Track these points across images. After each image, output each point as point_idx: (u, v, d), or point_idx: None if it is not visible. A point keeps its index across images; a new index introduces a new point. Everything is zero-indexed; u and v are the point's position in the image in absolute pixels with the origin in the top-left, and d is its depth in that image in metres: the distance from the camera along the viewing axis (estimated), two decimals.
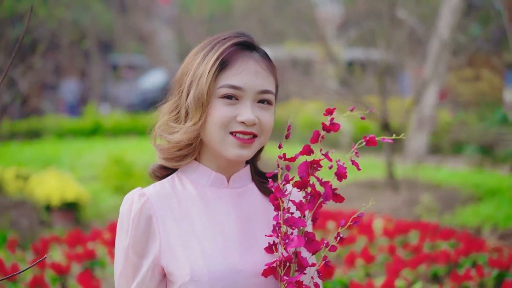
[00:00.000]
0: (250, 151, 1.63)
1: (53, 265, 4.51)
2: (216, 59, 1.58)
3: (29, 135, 15.13)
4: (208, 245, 1.58)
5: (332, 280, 3.88)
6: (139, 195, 1.62)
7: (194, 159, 1.65)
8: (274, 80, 1.67)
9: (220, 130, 1.59)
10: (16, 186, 8.63)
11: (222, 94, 1.58)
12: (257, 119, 1.61)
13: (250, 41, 1.65)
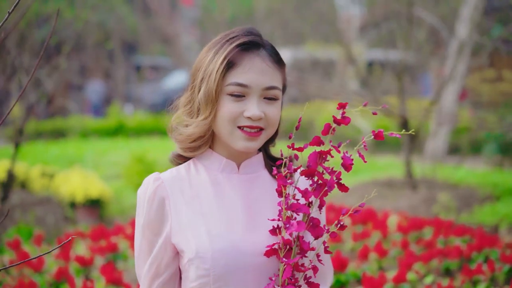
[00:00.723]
0: (257, 143, 1.75)
1: (77, 258, 4.68)
2: (224, 59, 1.70)
3: (54, 134, 15.41)
4: (213, 225, 1.71)
5: (345, 272, 4.00)
6: (154, 179, 1.77)
7: (209, 147, 1.79)
8: (280, 75, 1.78)
9: (228, 124, 1.72)
10: (41, 184, 8.85)
11: (230, 91, 1.71)
12: (263, 113, 1.73)
13: (256, 40, 1.76)
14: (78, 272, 4.59)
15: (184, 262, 1.72)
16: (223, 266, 1.67)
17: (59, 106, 15.85)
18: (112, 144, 14.20)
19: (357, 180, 9.46)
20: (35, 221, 7.58)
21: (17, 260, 4.88)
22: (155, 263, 1.75)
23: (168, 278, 1.77)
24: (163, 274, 1.76)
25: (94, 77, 21.57)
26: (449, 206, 7.29)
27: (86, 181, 8.23)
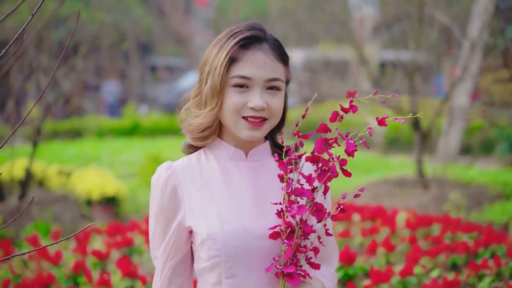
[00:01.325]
0: (261, 132, 1.86)
1: (94, 252, 4.82)
2: (227, 53, 1.82)
3: (70, 134, 15.63)
4: (223, 210, 1.84)
5: (353, 266, 4.11)
6: (166, 167, 1.90)
7: (218, 136, 1.91)
8: (283, 68, 1.88)
9: (233, 115, 1.83)
10: (58, 182, 9.02)
11: (234, 83, 1.82)
12: (266, 104, 1.83)
13: (258, 34, 1.86)
14: (95, 265, 4.74)
15: (196, 244, 1.85)
16: (233, 248, 1.79)
17: (75, 106, 16.05)
18: (127, 143, 14.38)
19: (368, 178, 9.56)
20: (52, 218, 7.75)
21: (36, 255, 5.04)
22: (168, 246, 1.88)
23: (180, 259, 1.90)
24: (176, 256, 1.89)
25: (109, 78, 21.77)
26: (459, 205, 7.35)
27: (102, 180, 8.39)
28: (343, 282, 4.10)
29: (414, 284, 3.91)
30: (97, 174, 8.71)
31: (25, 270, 4.87)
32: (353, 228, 5.11)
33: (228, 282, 1.81)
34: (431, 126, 8.22)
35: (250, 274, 1.81)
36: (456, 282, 3.79)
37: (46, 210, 7.93)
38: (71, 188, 8.68)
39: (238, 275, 1.81)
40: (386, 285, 3.83)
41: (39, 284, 4.28)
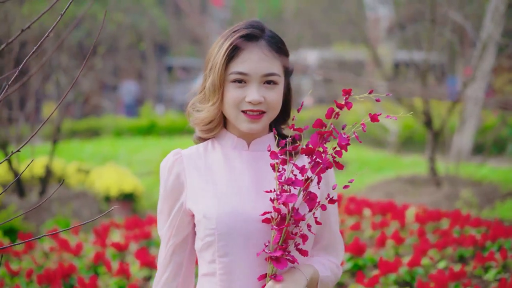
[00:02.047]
0: (259, 125, 1.97)
1: (113, 244, 5.00)
2: (225, 51, 1.94)
3: (88, 133, 15.89)
4: (221, 192, 1.97)
5: (362, 257, 4.25)
6: (174, 153, 2.06)
7: (224, 127, 2.05)
8: (280, 63, 1.98)
9: (233, 109, 1.95)
10: (77, 179, 9.23)
11: (233, 79, 1.94)
12: (263, 98, 1.94)
13: (254, 32, 1.97)
14: (114, 256, 4.92)
15: (196, 224, 2.02)
16: (226, 227, 1.92)
17: (94, 106, 16.30)
18: (144, 142, 14.59)
19: (382, 177, 9.68)
20: (71, 213, 7.95)
21: (57, 247, 5.23)
22: (171, 226, 2.05)
23: (181, 240, 2.06)
24: (177, 236, 2.05)
25: (127, 78, 22.01)
26: (471, 202, 7.44)
27: (120, 177, 8.57)
28: (352, 272, 4.24)
29: (421, 275, 4.04)
30: (115, 172, 8.90)
31: (46, 261, 5.06)
32: (364, 221, 5.24)
33: (220, 260, 1.94)
34: (443, 125, 8.31)
35: (242, 254, 1.92)
36: (462, 273, 3.92)
37: (66, 206, 8.14)
38: (90, 185, 8.89)
39: (230, 254, 1.93)
40: (394, 275, 3.97)
41: (61, 274, 4.46)
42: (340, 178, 9.48)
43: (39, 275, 4.43)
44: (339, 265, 2.11)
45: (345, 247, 4.35)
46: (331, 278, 2.04)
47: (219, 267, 1.95)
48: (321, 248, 2.08)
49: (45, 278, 4.40)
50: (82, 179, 9.23)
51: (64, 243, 5.12)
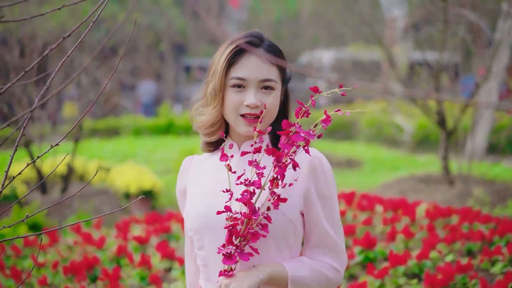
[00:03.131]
0: (257, 127, 2.04)
1: (135, 238, 5.22)
2: (225, 58, 2.08)
3: (108, 132, 16.19)
4: (201, 192, 2.15)
5: (373, 250, 4.43)
6: (185, 160, 2.26)
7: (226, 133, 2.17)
8: (277, 70, 2.11)
9: (233, 112, 2.08)
10: (98, 177, 9.48)
11: (232, 84, 2.08)
12: (260, 102, 2.06)
13: (253, 41, 2.11)
14: (136, 249, 5.13)
15: None
16: (198, 223, 2.10)
17: (114, 105, 16.58)
18: (162, 141, 14.84)
19: (396, 175, 9.84)
20: (92, 210, 8.19)
21: (81, 240, 5.46)
22: (185, 223, 2.24)
23: (191, 236, 2.21)
24: (188, 232, 2.21)
25: (145, 78, 22.28)
26: (483, 200, 7.56)
27: (139, 174, 8.80)
28: (363, 264, 4.42)
29: (429, 267, 4.21)
30: (134, 169, 9.12)
31: (71, 254, 5.29)
32: (376, 217, 5.42)
33: (199, 253, 2.12)
34: (456, 124, 8.43)
35: (213, 249, 2.06)
36: (469, 266, 4.08)
37: (87, 203, 8.38)
38: (110, 183, 9.12)
39: (205, 248, 2.09)
40: (403, 267, 4.15)
41: (85, 265, 4.68)
42: (355, 177, 9.65)
43: (65, 267, 4.66)
44: (337, 268, 2.11)
45: (357, 241, 4.54)
46: (312, 279, 2.06)
47: (199, 259, 2.14)
48: (311, 248, 2.11)
49: (70, 269, 4.62)
50: (103, 176, 9.47)
51: (88, 236, 5.34)
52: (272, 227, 1.98)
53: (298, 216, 2.06)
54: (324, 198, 2.08)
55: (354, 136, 15.66)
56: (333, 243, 2.10)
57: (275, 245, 2.04)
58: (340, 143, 14.67)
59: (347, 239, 4.78)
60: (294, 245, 2.09)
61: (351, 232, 4.79)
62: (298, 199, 2.05)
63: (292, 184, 2.00)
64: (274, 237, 2.02)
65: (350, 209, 5.62)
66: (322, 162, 2.09)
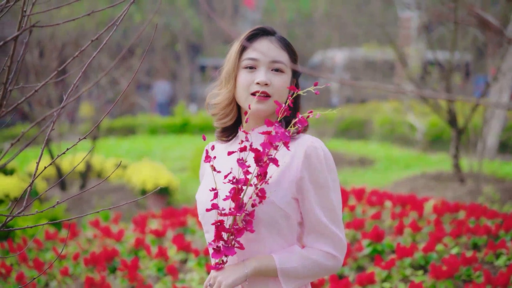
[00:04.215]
0: (265, 106, 2.20)
1: (152, 231, 5.42)
2: (240, 43, 2.26)
3: (124, 131, 16.46)
4: (207, 179, 2.28)
5: (381, 243, 4.60)
6: (206, 146, 2.31)
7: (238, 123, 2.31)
8: (288, 56, 2.25)
9: (244, 91, 2.22)
10: (116, 174, 9.70)
11: (244, 65, 2.24)
12: (270, 81, 2.20)
13: (266, 29, 2.28)
14: (153, 242, 5.33)
15: None
16: (201, 210, 2.23)
17: (131, 104, 16.84)
18: (177, 140, 15.06)
19: (408, 173, 9.98)
20: (110, 206, 8.41)
21: (100, 234, 5.67)
22: None
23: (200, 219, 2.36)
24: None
25: (160, 78, 22.52)
26: (493, 198, 7.68)
27: (155, 172, 9.00)
28: (371, 256, 4.59)
29: (435, 259, 4.37)
30: (151, 167, 9.33)
31: (91, 246, 5.50)
32: (384, 212, 5.58)
33: (206, 236, 2.26)
34: (467, 122, 8.54)
35: None
36: (474, 258, 4.24)
37: (105, 199, 8.61)
38: (127, 180, 9.34)
39: (209, 232, 2.22)
40: (410, 259, 4.31)
41: (105, 257, 4.89)
42: (367, 175, 9.77)
43: (85, 258, 4.87)
44: (332, 253, 2.16)
45: (365, 234, 4.70)
46: (303, 268, 2.12)
47: (207, 242, 2.25)
48: (307, 234, 2.17)
49: (90, 260, 4.83)
50: (120, 173, 9.69)
51: (106, 230, 5.55)
52: (262, 215, 2.09)
53: (289, 203, 2.12)
54: (318, 186, 2.13)
55: (367, 135, 15.80)
56: (327, 230, 2.14)
57: (267, 233, 2.12)
58: (353, 142, 14.82)
59: (356, 232, 4.95)
60: (287, 232, 2.15)
61: (360, 226, 4.95)
62: (290, 187, 2.12)
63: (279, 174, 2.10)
64: (265, 225, 2.11)
65: (360, 204, 5.78)
66: (317, 151, 2.14)
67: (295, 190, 2.12)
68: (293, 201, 2.13)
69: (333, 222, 2.15)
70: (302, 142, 2.14)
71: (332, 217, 2.15)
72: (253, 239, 2.12)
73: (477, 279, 4.11)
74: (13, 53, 1.85)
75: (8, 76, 1.81)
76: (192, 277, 4.53)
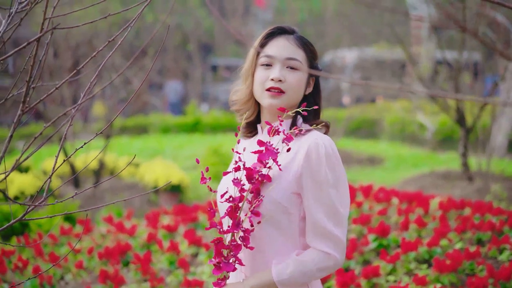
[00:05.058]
0: (279, 101, 2.29)
1: (164, 226, 5.57)
2: (259, 41, 2.37)
3: (137, 130, 16.64)
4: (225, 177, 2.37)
5: (387, 238, 4.71)
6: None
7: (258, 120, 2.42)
8: (304, 54, 2.34)
9: (260, 87, 2.33)
10: (128, 172, 9.87)
11: (261, 63, 2.34)
12: (284, 78, 2.29)
13: (283, 28, 2.38)
14: (165, 236, 5.48)
15: None
16: (218, 201, 2.32)
17: (143, 103, 17.03)
18: (189, 139, 15.22)
19: (417, 171, 10.07)
20: (123, 203, 8.57)
21: (114, 229, 5.82)
22: None
23: None
24: None
25: (172, 77, 22.69)
26: (501, 196, 7.76)
27: (167, 170, 9.15)
28: (377, 251, 4.71)
29: (439, 254, 4.48)
30: (162, 165, 9.49)
31: (104, 241, 5.65)
32: (391, 208, 5.68)
33: (222, 221, 2.32)
34: (475, 121, 8.61)
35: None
36: (477, 253, 4.34)
37: (118, 196, 8.77)
38: (140, 177, 9.50)
39: (224, 225, 2.28)
40: (414, 253, 4.42)
41: (118, 251, 5.04)
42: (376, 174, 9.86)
43: (99, 252, 5.02)
44: (328, 252, 2.17)
45: (371, 229, 4.82)
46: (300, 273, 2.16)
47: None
48: (307, 232, 2.20)
49: (104, 254, 4.99)
50: (133, 171, 9.86)
51: (120, 225, 5.70)
52: (261, 209, 2.16)
53: (289, 198, 2.17)
54: (316, 182, 2.16)
55: (378, 135, 15.89)
56: (324, 228, 2.15)
57: (267, 227, 2.19)
58: (363, 141, 14.92)
59: (363, 227, 5.07)
60: (287, 227, 2.20)
61: (366, 222, 5.07)
62: (290, 182, 2.17)
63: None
64: (263, 220, 2.17)
65: (367, 200, 5.89)
66: (318, 148, 2.17)
67: (295, 186, 2.17)
68: (294, 196, 2.18)
69: (332, 219, 2.16)
70: (308, 139, 2.20)
71: (331, 214, 2.16)
72: (254, 235, 2.19)
73: (480, 273, 4.21)
74: (36, 53, 1.99)
75: (31, 74, 1.95)
76: (203, 270, 4.66)
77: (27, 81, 2.01)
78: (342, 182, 2.19)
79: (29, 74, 1.96)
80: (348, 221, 5.28)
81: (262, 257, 2.21)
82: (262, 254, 2.21)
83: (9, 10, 2.30)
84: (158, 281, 4.43)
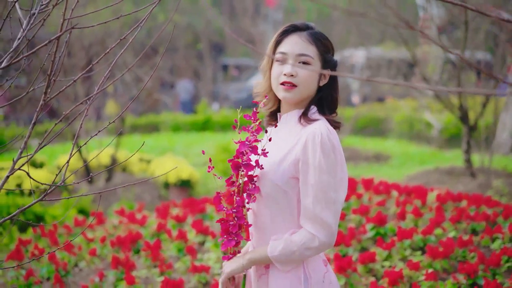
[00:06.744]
0: (292, 95, 2.49)
1: (173, 217, 5.83)
2: (275, 39, 2.58)
3: (148, 128, 16.94)
4: None
5: (384, 226, 4.95)
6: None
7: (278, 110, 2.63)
8: (316, 49, 2.52)
9: (275, 81, 2.54)
10: (140, 168, 10.14)
11: (276, 59, 2.55)
12: (296, 72, 2.50)
13: (297, 25, 2.57)
14: (174, 226, 5.74)
15: None
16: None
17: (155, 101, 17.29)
18: (199, 137, 15.48)
19: (422, 168, 10.28)
20: (134, 198, 8.84)
21: (126, 220, 6.09)
22: None
23: None
24: None
25: (183, 76, 22.95)
26: (502, 191, 7.93)
27: (178, 165, 9.40)
28: (374, 239, 4.94)
29: (433, 241, 4.71)
30: (173, 161, 9.75)
31: (116, 231, 5.92)
32: (390, 200, 5.91)
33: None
34: (477, 118, 8.77)
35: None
36: (470, 241, 4.57)
37: (129, 192, 9.04)
38: (151, 173, 9.76)
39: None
40: (409, 240, 4.66)
41: (129, 239, 5.31)
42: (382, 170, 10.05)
43: (112, 241, 5.29)
44: (313, 233, 2.34)
45: (369, 219, 5.06)
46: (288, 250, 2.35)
47: None
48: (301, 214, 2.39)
49: (116, 242, 5.25)
50: (144, 167, 10.13)
51: (131, 216, 5.97)
52: (264, 192, 2.41)
53: (287, 181, 2.38)
54: (309, 167, 2.34)
55: (386, 133, 16.09)
56: (311, 211, 2.34)
57: (268, 205, 2.42)
58: (370, 138, 15.13)
59: (362, 217, 5.30)
60: (286, 207, 2.41)
61: (365, 212, 5.30)
62: (289, 167, 2.38)
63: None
64: (264, 200, 2.42)
65: (367, 192, 6.12)
66: (315, 136, 2.35)
67: (294, 171, 2.37)
68: (293, 180, 2.38)
69: (320, 203, 2.32)
70: (310, 128, 2.40)
71: (320, 199, 2.32)
72: (257, 213, 2.45)
73: (471, 260, 4.44)
74: (56, 50, 2.25)
75: (52, 68, 2.21)
76: (210, 257, 4.92)
77: (48, 75, 2.27)
78: (339, 169, 2.35)
79: (50, 68, 2.22)
80: (348, 211, 5.52)
81: (264, 234, 2.45)
82: (263, 231, 2.45)
83: (30, 11, 2.56)
84: (167, 267, 4.70)
